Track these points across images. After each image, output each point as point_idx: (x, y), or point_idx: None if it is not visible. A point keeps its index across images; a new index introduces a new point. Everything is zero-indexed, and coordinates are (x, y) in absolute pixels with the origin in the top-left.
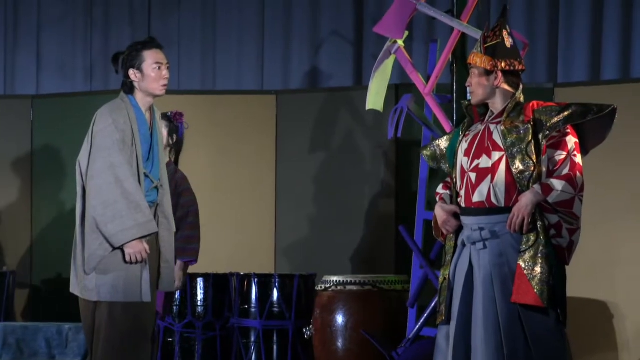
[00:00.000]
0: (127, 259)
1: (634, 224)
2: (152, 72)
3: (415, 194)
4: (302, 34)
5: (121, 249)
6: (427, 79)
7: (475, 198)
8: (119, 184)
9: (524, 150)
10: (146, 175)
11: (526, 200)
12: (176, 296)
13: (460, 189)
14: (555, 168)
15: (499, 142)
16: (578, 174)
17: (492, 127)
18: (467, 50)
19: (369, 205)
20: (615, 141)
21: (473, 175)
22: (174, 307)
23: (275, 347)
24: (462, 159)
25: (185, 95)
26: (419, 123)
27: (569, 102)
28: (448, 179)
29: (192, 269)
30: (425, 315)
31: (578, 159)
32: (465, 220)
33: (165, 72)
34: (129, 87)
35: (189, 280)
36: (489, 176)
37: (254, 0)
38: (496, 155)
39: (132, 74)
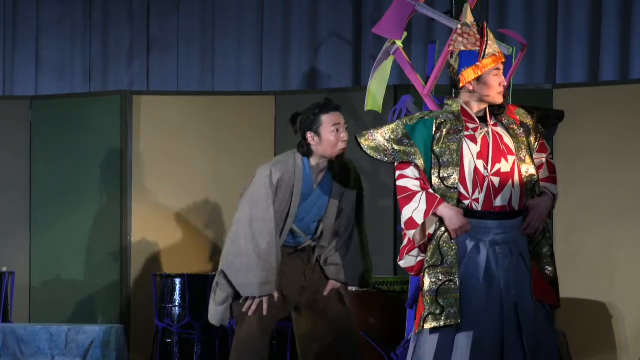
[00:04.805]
0: (245, 308)
1: (632, 225)
2: (331, 135)
3: None
4: (301, 35)
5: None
6: (426, 80)
7: (498, 202)
8: (254, 239)
9: (528, 154)
10: (292, 231)
11: (545, 207)
12: (175, 296)
13: (474, 192)
14: (539, 171)
15: (511, 146)
16: None
17: (498, 129)
18: None
19: (368, 206)
20: (614, 142)
21: (496, 180)
22: (173, 308)
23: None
24: (475, 162)
25: (185, 96)
26: None
27: (545, 104)
28: (418, 175)
29: (190, 270)
30: None
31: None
32: (484, 224)
33: (343, 135)
34: (305, 150)
35: (188, 282)
36: (510, 181)
37: (253, 1)
38: (511, 159)
39: (310, 137)
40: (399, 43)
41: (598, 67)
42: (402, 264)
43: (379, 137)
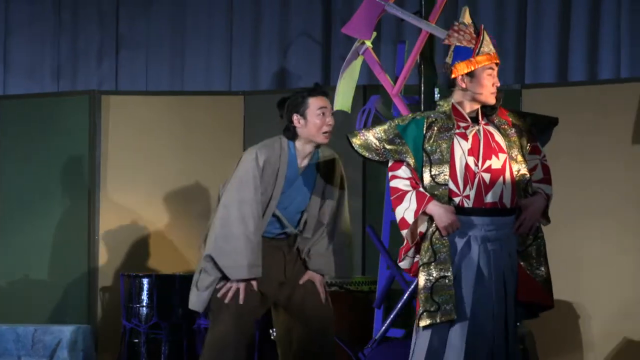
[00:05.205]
0: (220, 294)
1: (598, 224)
2: (316, 118)
3: (382, 194)
4: (271, 35)
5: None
6: (395, 80)
7: (489, 199)
8: (243, 221)
9: (520, 154)
10: (276, 216)
11: (539, 206)
12: (143, 296)
13: (465, 188)
14: (533, 172)
15: (502, 144)
16: None
17: (489, 128)
18: (435, 51)
19: None
20: (583, 142)
21: (487, 176)
22: (141, 309)
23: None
24: (465, 158)
25: (154, 96)
26: None
27: (514, 105)
28: (410, 174)
29: (158, 270)
30: (392, 316)
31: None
32: (475, 220)
33: (329, 119)
34: (291, 133)
35: (156, 281)
36: (501, 177)
37: (222, 1)
38: (502, 157)
39: (296, 119)
40: (368, 43)
41: (567, 68)
42: (402, 265)
43: (371, 137)
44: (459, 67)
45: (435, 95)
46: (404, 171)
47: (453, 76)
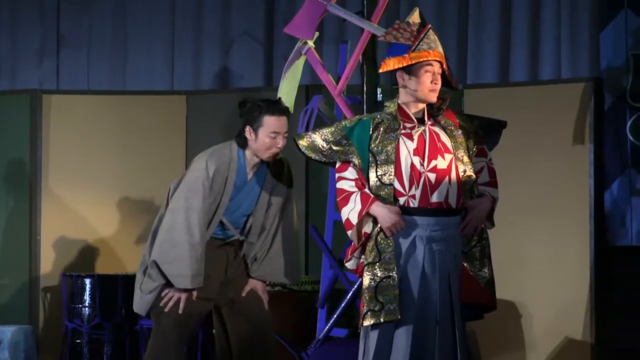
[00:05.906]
0: (162, 303)
1: (540, 223)
2: (267, 138)
3: (325, 195)
4: (213, 35)
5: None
6: (338, 80)
7: (434, 198)
8: (189, 230)
9: (466, 155)
10: (222, 222)
11: (485, 208)
12: (85, 296)
13: (411, 188)
14: (479, 175)
15: (448, 144)
16: None
17: (435, 128)
18: (378, 51)
19: None
20: (523, 141)
21: (432, 176)
22: (83, 309)
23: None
24: (411, 158)
25: (95, 95)
26: (329, 124)
27: (455, 105)
28: (356, 175)
29: (100, 270)
30: (335, 316)
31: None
32: (420, 220)
33: (279, 141)
34: (242, 141)
35: (98, 282)
36: (447, 177)
37: (165, 0)
38: (448, 157)
39: (248, 131)
40: (311, 43)
41: (508, 68)
42: (348, 265)
43: (318, 138)
44: (389, 63)
45: (378, 95)
46: (350, 172)
47: (380, 70)
